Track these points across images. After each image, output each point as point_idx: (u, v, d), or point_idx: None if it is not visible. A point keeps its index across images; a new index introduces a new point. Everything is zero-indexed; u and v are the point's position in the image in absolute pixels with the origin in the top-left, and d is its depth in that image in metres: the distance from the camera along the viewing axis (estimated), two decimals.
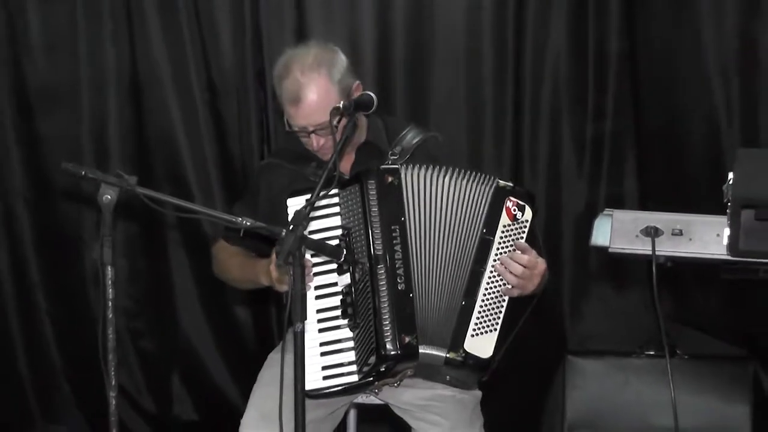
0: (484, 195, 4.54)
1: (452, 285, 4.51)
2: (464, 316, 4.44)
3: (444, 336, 4.42)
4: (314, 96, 4.53)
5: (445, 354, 4.40)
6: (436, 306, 4.50)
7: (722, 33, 6.03)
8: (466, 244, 4.53)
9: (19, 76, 6.68)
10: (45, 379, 6.88)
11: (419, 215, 4.53)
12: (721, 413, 5.97)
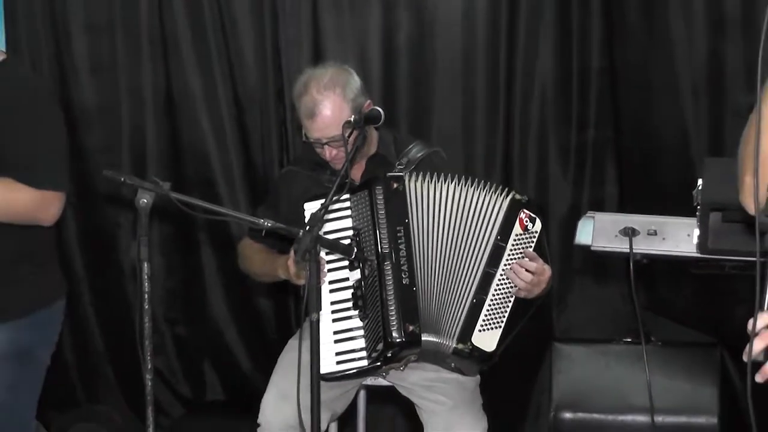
0: (499, 205, 4.61)
1: (461, 282, 4.58)
2: (474, 312, 4.52)
3: (453, 328, 4.52)
4: (328, 112, 4.62)
5: (454, 345, 4.50)
6: (442, 299, 4.58)
7: (692, 54, 5.97)
8: (479, 247, 4.59)
9: (66, 94, 6.60)
10: (88, 363, 6.84)
11: (422, 218, 4.59)
12: (692, 394, 5.90)
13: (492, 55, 6.23)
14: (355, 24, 6.36)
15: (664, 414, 5.55)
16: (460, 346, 4.48)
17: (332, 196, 4.14)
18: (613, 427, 5.94)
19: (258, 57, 6.50)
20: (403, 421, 5.95)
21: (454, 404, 4.66)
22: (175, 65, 6.58)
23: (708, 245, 4.45)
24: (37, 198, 4.19)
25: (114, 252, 6.74)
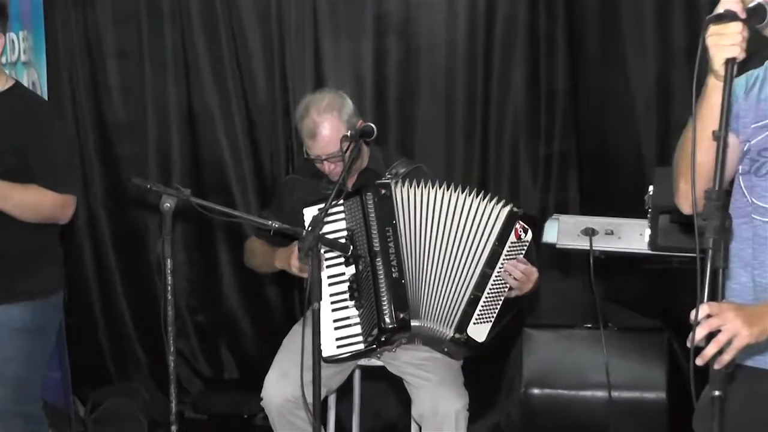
0: (496, 214, 4.59)
1: (460, 278, 4.59)
2: (471, 306, 4.55)
3: (451, 318, 4.56)
4: (327, 132, 4.65)
5: (452, 334, 4.55)
6: (440, 290, 4.59)
7: (643, 77, 5.99)
8: (478, 250, 4.58)
9: (100, 111, 6.69)
10: (120, 346, 6.86)
11: (410, 219, 4.59)
12: (643, 372, 5.90)
13: (470, 78, 6.24)
14: (350, 50, 6.38)
15: (619, 390, 5.54)
16: (457, 336, 4.53)
17: (330, 201, 4.19)
18: (575, 401, 5.95)
19: (267, 79, 6.52)
20: (393, 396, 5.95)
21: (440, 381, 4.65)
22: (196, 86, 6.62)
23: (658, 243, 4.47)
24: (59, 201, 4.40)
25: (142, 249, 6.76)
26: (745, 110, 3.18)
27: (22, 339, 4.46)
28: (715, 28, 2.79)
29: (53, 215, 4.45)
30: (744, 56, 2.82)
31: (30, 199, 4.34)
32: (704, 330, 2.70)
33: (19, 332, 4.44)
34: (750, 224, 3.16)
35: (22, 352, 4.48)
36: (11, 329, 4.42)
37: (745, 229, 3.19)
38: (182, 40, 6.58)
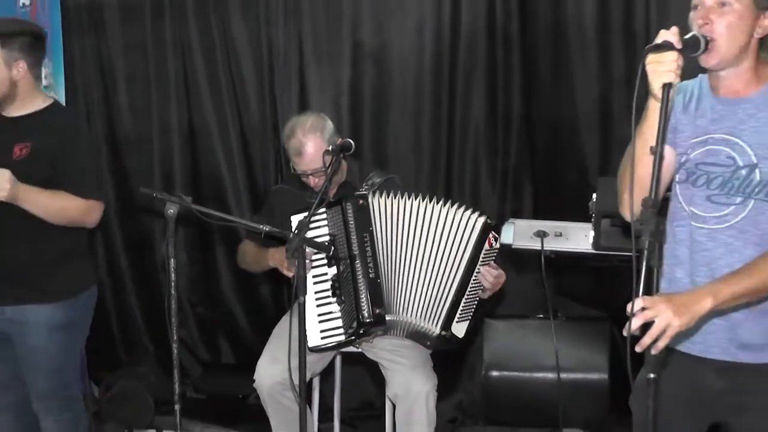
0: (472, 225, 4.60)
1: (441, 280, 4.61)
2: (454, 308, 4.60)
3: (436, 318, 4.60)
4: (311, 150, 4.70)
5: (439, 331, 4.60)
6: (420, 290, 4.63)
7: (588, 98, 6.03)
8: (458, 256, 4.60)
9: (112, 128, 6.71)
10: (130, 335, 6.88)
11: (385, 226, 4.62)
12: (588, 357, 5.92)
13: (437, 101, 6.24)
14: (330, 76, 6.37)
15: (567, 372, 5.57)
16: (443, 333, 4.58)
17: (315, 208, 4.28)
18: (529, 381, 5.96)
19: (259, 101, 6.52)
20: (370, 378, 5.95)
21: (412, 365, 4.66)
22: (196, 107, 6.62)
23: (600, 244, 4.49)
24: (84, 205, 4.38)
25: (149, 251, 6.77)
26: (683, 125, 3.22)
27: (56, 335, 4.44)
28: (654, 56, 2.83)
29: (80, 219, 4.41)
30: (679, 81, 2.86)
31: (58, 204, 4.31)
32: (640, 321, 2.74)
33: (53, 329, 4.42)
34: (687, 228, 3.21)
35: (57, 346, 4.48)
36: (46, 327, 4.40)
37: (683, 232, 3.24)
38: (184, 66, 6.59)
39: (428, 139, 6.29)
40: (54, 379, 4.52)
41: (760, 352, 3.16)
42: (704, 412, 3.34)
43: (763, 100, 3.09)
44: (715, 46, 3.01)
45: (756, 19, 3.05)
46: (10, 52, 4.29)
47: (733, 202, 3.10)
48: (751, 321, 3.14)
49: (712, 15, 3.01)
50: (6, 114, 4.41)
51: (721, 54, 3.03)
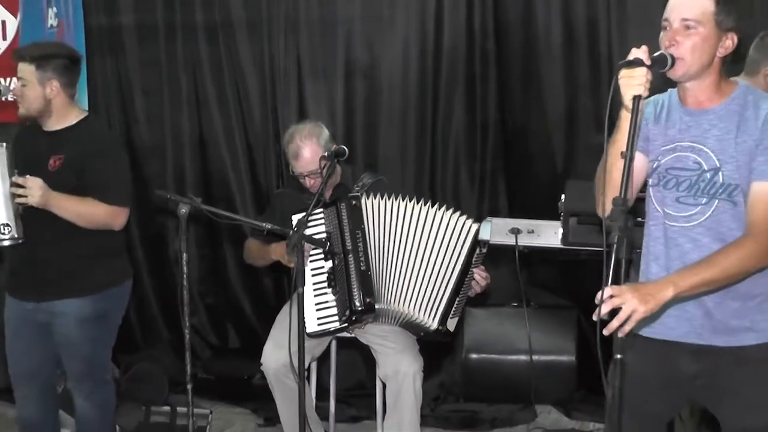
0: (467, 230, 4.62)
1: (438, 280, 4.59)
2: (450, 305, 4.58)
3: (434, 314, 4.56)
4: (308, 155, 4.71)
5: (437, 326, 4.56)
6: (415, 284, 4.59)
7: (556, 108, 6.03)
8: (452, 258, 4.60)
9: (129, 137, 6.67)
10: (146, 322, 6.84)
11: (376, 224, 4.62)
12: (557, 341, 5.95)
13: (421, 111, 6.23)
14: (325, 89, 6.36)
15: (538, 354, 5.57)
16: (440, 328, 4.56)
17: (312, 208, 4.28)
18: (504, 363, 5.97)
19: (262, 112, 6.50)
20: (362, 361, 5.93)
21: (401, 348, 4.68)
22: (205, 118, 6.61)
23: (569, 239, 4.47)
24: (110, 211, 4.39)
25: (163, 246, 6.73)
26: (655, 134, 3.24)
27: (86, 326, 4.47)
28: (626, 71, 2.87)
29: (106, 222, 4.42)
30: (648, 94, 2.89)
31: (85, 209, 4.34)
32: (608, 307, 2.74)
33: (83, 321, 4.46)
34: (661, 227, 3.23)
35: (87, 337, 4.51)
36: (77, 319, 4.44)
37: (657, 231, 3.27)
38: (194, 81, 6.58)
39: (414, 145, 6.28)
40: (85, 364, 4.56)
41: (732, 336, 3.17)
42: (679, 393, 3.36)
43: (725, 113, 3.12)
44: (681, 63, 3.04)
45: (719, 40, 3.08)
46: (44, 72, 4.35)
47: (699, 203, 3.13)
48: (724, 307, 3.16)
49: (679, 36, 3.04)
50: (45, 128, 4.47)
51: (684, 69, 3.06)
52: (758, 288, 3.14)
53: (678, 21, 3.05)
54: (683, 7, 3.05)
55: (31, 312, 4.50)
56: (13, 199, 4.19)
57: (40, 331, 4.52)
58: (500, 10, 6.07)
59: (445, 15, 6.13)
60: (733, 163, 3.06)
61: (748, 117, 3.07)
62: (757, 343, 3.16)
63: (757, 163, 3.03)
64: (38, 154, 4.37)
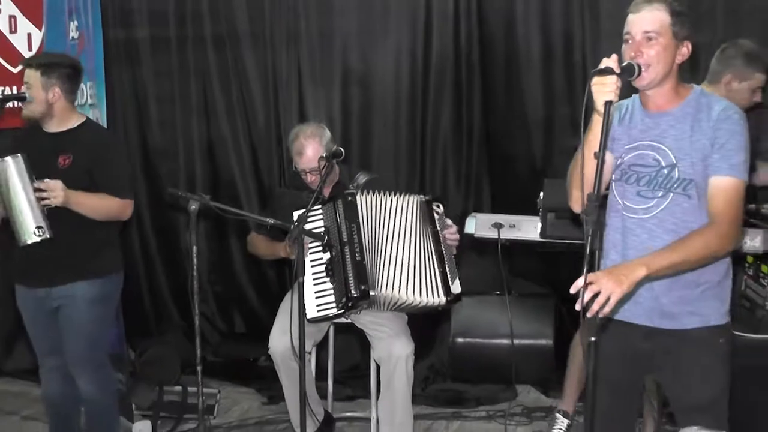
0: (419, 205, 4.66)
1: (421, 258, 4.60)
2: (444, 275, 4.58)
3: (437, 289, 4.57)
4: (310, 153, 4.73)
5: (446, 298, 4.57)
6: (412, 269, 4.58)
7: (536, 113, 6.02)
8: (425, 233, 4.63)
9: (144, 140, 6.69)
10: (159, 309, 6.84)
11: (369, 218, 4.63)
12: (536, 326, 5.96)
13: (412, 115, 6.22)
14: (324, 95, 6.34)
15: (519, 338, 5.54)
16: (449, 298, 4.57)
17: (311, 205, 4.34)
18: (488, 346, 5.98)
19: (265, 117, 6.48)
20: (358, 344, 5.92)
21: (394, 333, 4.68)
22: (213, 122, 6.60)
23: (546, 233, 4.48)
24: (120, 204, 4.50)
25: (175, 239, 6.72)
26: (620, 134, 3.30)
27: (92, 307, 4.52)
28: (598, 79, 2.93)
29: (116, 214, 4.52)
30: (617, 100, 2.96)
31: (99, 204, 4.43)
32: (590, 294, 2.78)
33: (90, 302, 4.51)
34: (620, 218, 3.29)
35: (93, 317, 4.55)
36: (84, 300, 4.48)
37: (617, 221, 3.32)
38: (203, 88, 6.56)
39: (405, 147, 6.27)
40: (88, 344, 4.58)
41: (677, 320, 3.25)
42: (637, 368, 3.41)
43: (681, 115, 3.20)
44: (646, 71, 3.13)
45: (676, 49, 3.17)
46: (48, 79, 4.45)
47: (656, 196, 3.20)
48: (671, 293, 3.23)
49: (642, 48, 3.13)
50: (47, 130, 4.54)
51: (651, 77, 3.15)
52: (703, 277, 3.22)
53: (640, 33, 3.14)
54: (644, 21, 3.14)
55: (42, 299, 4.55)
56: (39, 203, 4.24)
57: (53, 316, 4.57)
58: (484, 24, 6.06)
59: (433, 28, 6.12)
60: (688, 160, 3.14)
61: (702, 118, 3.15)
62: (700, 327, 3.24)
63: (713, 160, 3.11)
64: (43, 153, 4.41)
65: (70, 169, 4.39)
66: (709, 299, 3.24)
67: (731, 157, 3.10)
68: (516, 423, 5.43)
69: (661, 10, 3.14)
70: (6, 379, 6.43)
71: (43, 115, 4.48)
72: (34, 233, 4.23)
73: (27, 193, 4.22)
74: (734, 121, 3.12)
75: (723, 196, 3.09)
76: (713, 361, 3.26)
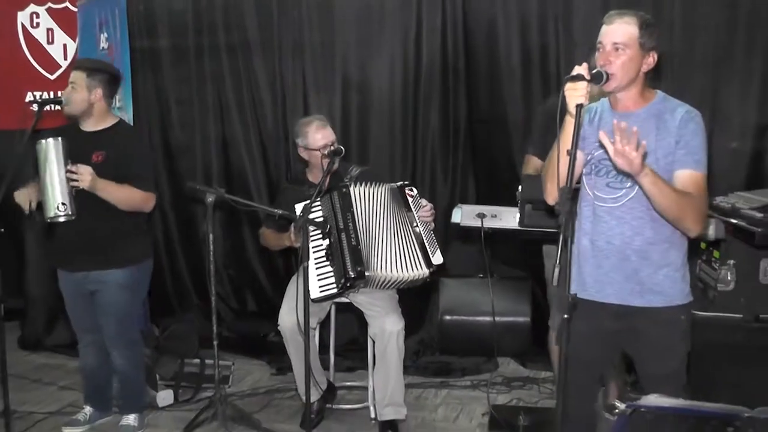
0: (394, 192, 4.72)
1: (401, 238, 4.64)
2: (423, 248, 4.63)
3: (419, 263, 4.60)
4: (328, 131, 4.89)
5: (428, 270, 4.60)
6: (393, 251, 4.61)
7: (516, 114, 5.99)
8: (402, 216, 4.68)
9: (166, 139, 6.69)
10: (180, 290, 6.84)
11: (361, 207, 4.66)
12: (515, 305, 5.97)
13: (404, 117, 6.21)
14: (326, 100, 6.33)
15: (500, 316, 5.55)
16: (432, 269, 4.59)
17: (315, 197, 4.38)
18: (472, 323, 6.00)
19: (273, 119, 6.47)
20: (356, 321, 5.90)
21: (386, 311, 4.68)
22: (227, 123, 6.58)
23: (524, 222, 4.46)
24: (144, 196, 4.54)
25: (194, 228, 6.70)
26: (589, 133, 3.31)
27: (124, 292, 4.59)
28: (570, 84, 2.95)
29: (140, 206, 4.54)
30: (588, 103, 2.99)
31: (125, 194, 4.45)
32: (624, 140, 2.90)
33: (122, 287, 4.57)
34: (591, 207, 3.31)
35: (124, 300, 4.61)
36: (116, 285, 4.55)
37: (588, 210, 3.34)
38: (218, 93, 6.55)
39: (398, 145, 6.25)
40: (120, 324, 4.64)
41: (645, 298, 3.26)
42: (607, 344, 3.42)
43: (646, 116, 3.22)
44: (613, 78, 3.15)
45: (642, 58, 3.19)
46: (92, 81, 4.52)
47: (624, 186, 3.21)
48: (640, 274, 3.25)
49: (611, 57, 3.15)
50: (84, 129, 4.58)
51: (617, 83, 3.17)
52: (667, 260, 3.24)
53: (610, 44, 3.16)
54: (614, 33, 3.16)
55: (80, 282, 4.61)
56: (68, 183, 4.27)
57: (89, 298, 4.63)
58: (469, 37, 6.05)
59: (423, 40, 6.11)
60: (652, 156, 3.15)
61: (667, 119, 3.18)
62: (665, 306, 3.25)
63: (680, 155, 3.13)
64: (80, 149, 4.43)
65: (102, 165, 4.41)
66: (675, 281, 3.25)
67: (695, 153, 3.13)
68: (497, 391, 5.43)
69: (630, 23, 3.15)
70: (47, 354, 6.45)
71: (83, 113, 4.53)
72: (58, 208, 4.25)
73: (59, 172, 4.26)
74: (696, 123, 3.16)
75: (693, 186, 3.12)
76: (675, 338, 3.28)
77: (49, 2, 6.48)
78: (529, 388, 5.47)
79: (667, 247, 3.23)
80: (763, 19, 5.47)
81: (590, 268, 3.32)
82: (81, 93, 4.49)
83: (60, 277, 4.71)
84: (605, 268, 3.28)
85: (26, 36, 6.52)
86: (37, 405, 5.31)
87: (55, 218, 4.27)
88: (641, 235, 3.21)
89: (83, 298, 4.64)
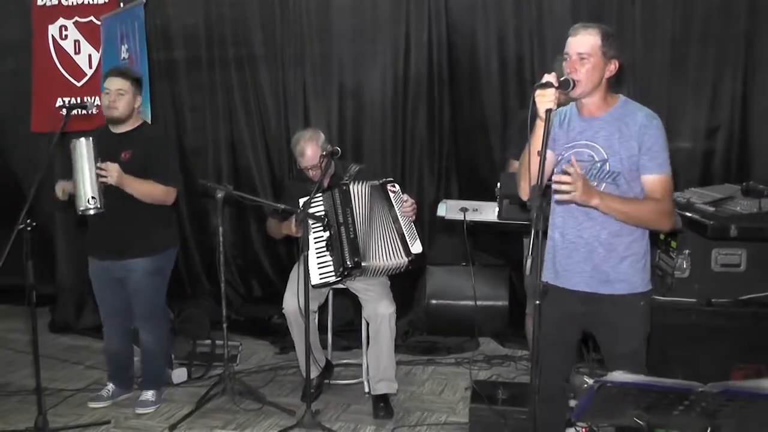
0: (379, 189, 4.68)
1: (385, 229, 4.62)
2: (403, 239, 4.59)
3: (399, 251, 4.58)
4: (310, 153, 4.73)
5: (407, 259, 4.58)
6: (382, 241, 4.60)
7: (495, 119, 5.98)
8: (382, 210, 4.65)
9: (181, 141, 6.61)
10: (193, 277, 6.80)
11: (358, 203, 4.62)
12: (494, 290, 5.97)
13: (395, 122, 6.19)
14: (324, 105, 6.31)
15: (481, 300, 5.60)
16: (411, 258, 4.57)
17: (313, 194, 4.42)
18: (456, 307, 6.00)
19: (277, 122, 6.44)
20: (352, 305, 5.88)
21: (379, 296, 4.68)
22: (235, 126, 6.56)
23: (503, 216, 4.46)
24: (166, 190, 4.57)
25: (205, 221, 6.67)
26: (560, 136, 3.30)
27: (149, 277, 4.64)
28: (540, 91, 2.95)
29: (162, 199, 4.55)
30: (556, 108, 2.98)
31: (148, 188, 4.48)
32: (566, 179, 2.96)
33: (147, 273, 4.62)
34: (561, 203, 3.28)
35: (151, 286, 4.66)
36: (144, 272, 4.60)
37: (559, 206, 3.33)
38: (228, 99, 6.52)
39: (389, 147, 6.24)
40: (149, 306, 4.71)
41: (610, 286, 3.26)
42: (575, 327, 3.43)
43: (610, 119, 3.21)
44: (579, 85, 3.14)
45: (605, 66, 3.17)
46: (136, 89, 4.62)
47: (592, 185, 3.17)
48: (607, 264, 3.24)
49: (576, 65, 3.15)
50: (114, 131, 4.61)
51: (582, 89, 3.16)
52: (630, 251, 3.24)
53: (575, 54, 3.15)
54: (578, 44, 3.15)
55: (109, 269, 4.65)
56: (98, 179, 4.30)
57: (117, 284, 4.67)
58: (452, 49, 6.05)
59: (411, 52, 6.10)
60: (617, 157, 3.15)
61: (628, 122, 3.17)
62: (628, 293, 3.26)
63: (644, 161, 3.13)
64: (111, 150, 4.46)
65: (128, 162, 4.45)
66: (637, 270, 3.25)
67: (658, 157, 3.13)
68: (478, 368, 5.43)
69: (593, 34, 3.14)
70: (74, 336, 6.43)
71: (126, 117, 4.57)
72: (88, 201, 4.27)
73: (90, 169, 4.28)
74: (656, 126, 3.15)
75: (659, 189, 3.12)
76: (636, 321, 3.28)
77: (76, 16, 6.47)
78: (507, 365, 5.47)
79: (631, 240, 3.23)
80: (713, 35, 5.52)
81: (561, 259, 3.33)
82: (129, 99, 4.55)
83: (90, 265, 4.74)
84: (575, 258, 3.28)
85: (56, 47, 6.51)
86: (66, 383, 5.31)
87: (86, 211, 4.31)
88: (607, 229, 3.21)
89: (111, 283, 4.68)
